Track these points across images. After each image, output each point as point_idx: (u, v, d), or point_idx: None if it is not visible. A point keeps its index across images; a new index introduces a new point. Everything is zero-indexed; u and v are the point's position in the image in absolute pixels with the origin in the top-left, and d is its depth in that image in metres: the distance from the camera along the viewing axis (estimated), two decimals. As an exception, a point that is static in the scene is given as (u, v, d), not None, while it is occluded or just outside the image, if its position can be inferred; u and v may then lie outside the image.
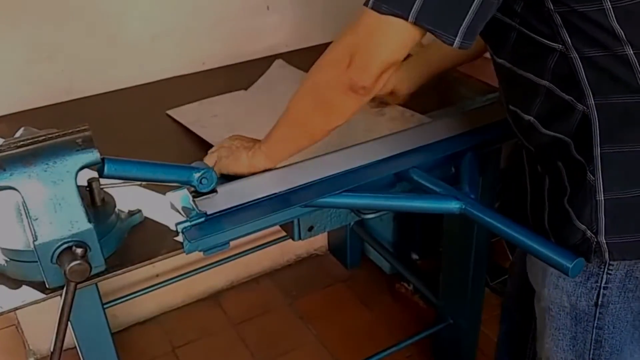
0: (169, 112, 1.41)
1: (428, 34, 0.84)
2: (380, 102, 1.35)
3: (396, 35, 0.84)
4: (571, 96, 0.87)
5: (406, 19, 0.81)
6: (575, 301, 0.96)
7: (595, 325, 0.96)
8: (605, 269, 0.92)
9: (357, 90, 0.89)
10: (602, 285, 0.93)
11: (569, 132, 0.89)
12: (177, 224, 0.98)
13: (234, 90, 1.50)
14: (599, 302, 0.94)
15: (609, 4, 0.79)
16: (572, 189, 0.91)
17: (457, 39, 0.81)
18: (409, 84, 1.32)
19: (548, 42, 0.85)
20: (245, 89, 1.52)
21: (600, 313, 0.95)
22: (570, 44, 0.83)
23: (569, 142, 0.90)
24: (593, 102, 0.85)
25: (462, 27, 0.80)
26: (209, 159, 1.09)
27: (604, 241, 0.89)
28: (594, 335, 0.97)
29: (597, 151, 0.86)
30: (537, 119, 0.93)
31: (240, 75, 1.59)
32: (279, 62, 1.67)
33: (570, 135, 0.89)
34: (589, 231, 0.89)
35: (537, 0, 0.82)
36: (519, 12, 0.86)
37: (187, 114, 1.39)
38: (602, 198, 0.87)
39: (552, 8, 0.81)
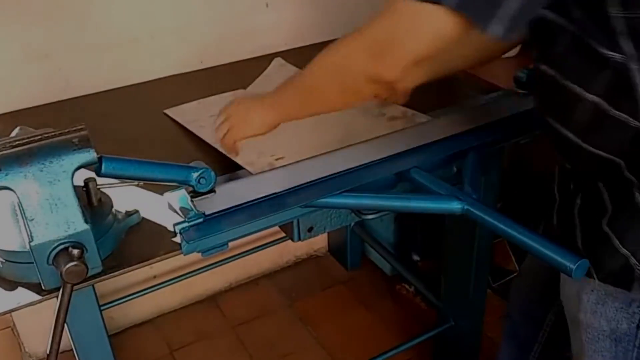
0: (167, 111, 1.40)
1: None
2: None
3: (433, 26, 0.78)
4: (624, 112, 0.80)
5: (445, 7, 0.75)
6: (616, 325, 0.92)
7: (636, 344, 0.92)
8: None
9: (381, 83, 0.87)
10: None
11: (619, 151, 0.82)
12: (175, 225, 0.97)
13: (232, 89, 1.49)
14: None
15: None
16: (614, 211, 0.86)
17: (498, 29, 0.74)
18: (414, 80, 1.23)
19: (606, 51, 0.77)
20: (244, 87, 1.50)
21: None
22: (634, 54, 0.75)
23: (618, 163, 0.83)
24: None
25: (506, 18, 0.74)
26: (221, 131, 1.10)
27: None
28: (635, 354, 0.93)
29: None
30: (578, 136, 0.86)
31: (239, 74, 1.58)
32: (278, 61, 1.66)
33: (621, 155, 0.82)
34: (633, 258, 0.84)
35: (597, 3, 0.75)
36: (574, 13, 0.79)
37: (185, 113, 1.38)
38: None
39: (615, 13, 0.74)
